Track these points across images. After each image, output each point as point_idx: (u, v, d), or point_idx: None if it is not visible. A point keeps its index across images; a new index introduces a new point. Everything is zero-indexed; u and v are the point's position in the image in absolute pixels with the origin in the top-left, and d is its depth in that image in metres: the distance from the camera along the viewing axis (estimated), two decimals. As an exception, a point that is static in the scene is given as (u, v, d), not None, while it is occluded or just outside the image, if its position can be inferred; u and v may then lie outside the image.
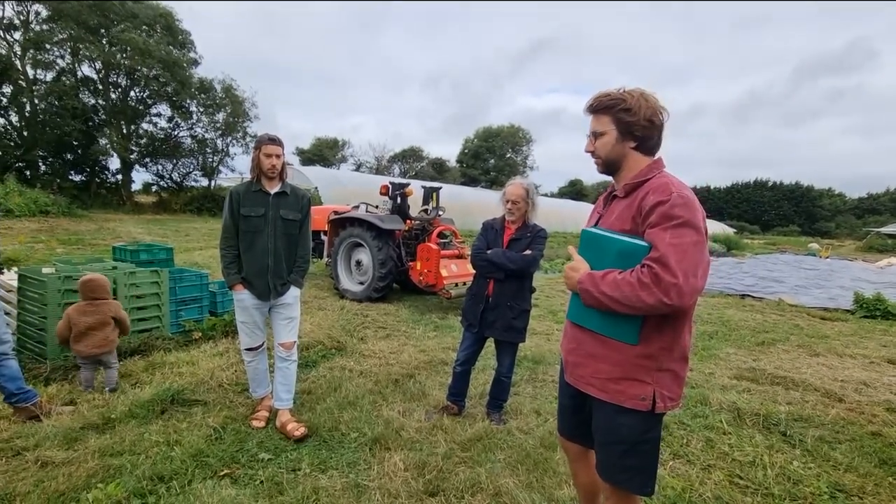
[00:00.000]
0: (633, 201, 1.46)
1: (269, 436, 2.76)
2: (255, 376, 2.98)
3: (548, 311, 6.76)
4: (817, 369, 4.51)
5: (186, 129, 26.23)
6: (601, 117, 1.53)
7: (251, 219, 2.72)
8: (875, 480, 2.52)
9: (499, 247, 3.03)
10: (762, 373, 4.23)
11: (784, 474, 2.55)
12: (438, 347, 4.61)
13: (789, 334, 6.02)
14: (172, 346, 4.06)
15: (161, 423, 2.79)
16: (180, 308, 4.47)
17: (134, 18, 21.23)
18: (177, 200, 24.89)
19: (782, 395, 3.71)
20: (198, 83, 24.62)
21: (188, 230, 16.22)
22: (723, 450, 2.81)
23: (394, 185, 7.16)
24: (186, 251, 10.82)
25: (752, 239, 40.38)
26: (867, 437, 3.02)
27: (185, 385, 3.25)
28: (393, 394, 3.45)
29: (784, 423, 3.17)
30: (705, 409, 3.38)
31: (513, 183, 3.04)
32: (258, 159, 2.72)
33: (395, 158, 46.68)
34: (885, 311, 7.37)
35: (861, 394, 3.84)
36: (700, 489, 2.39)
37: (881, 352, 5.32)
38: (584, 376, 1.54)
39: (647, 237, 1.36)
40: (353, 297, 6.65)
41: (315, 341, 4.41)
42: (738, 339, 5.61)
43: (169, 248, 5.27)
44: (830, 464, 2.69)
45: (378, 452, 2.63)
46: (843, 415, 3.37)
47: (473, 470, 2.48)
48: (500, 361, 3.17)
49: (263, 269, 2.75)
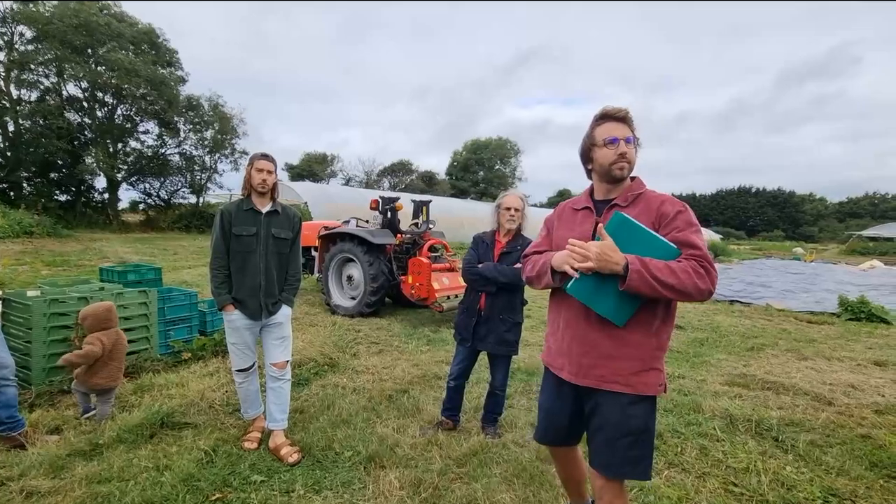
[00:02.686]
0: (645, 209, 1.60)
1: (262, 457, 2.72)
2: (247, 397, 2.94)
3: (541, 321, 6.77)
4: (806, 373, 4.57)
5: (174, 146, 26.11)
6: (629, 127, 1.65)
7: (243, 238, 2.71)
8: (867, 483, 2.55)
9: (489, 260, 3.05)
10: (753, 378, 4.28)
11: (778, 480, 2.57)
12: (432, 361, 4.59)
13: (778, 339, 6.10)
14: (161, 368, 3.99)
15: (150, 447, 2.73)
16: (169, 328, 4.41)
17: (119, 38, 21.22)
18: (164, 218, 24.65)
19: (773, 400, 3.75)
20: (185, 101, 24.59)
21: (176, 248, 16.04)
22: (717, 457, 2.83)
23: (384, 199, 7.18)
24: (175, 270, 10.70)
25: (739, 245, 40.97)
26: (857, 440, 3.06)
27: (174, 407, 3.19)
28: (387, 410, 3.42)
29: (776, 428, 3.20)
30: (698, 416, 3.40)
31: (508, 193, 3.10)
32: (249, 175, 2.73)
33: (384, 172, 46.82)
34: (870, 313, 7.52)
35: (850, 396, 3.90)
36: (696, 498, 2.40)
37: (867, 354, 5.41)
38: (605, 375, 1.59)
39: (678, 237, 1.51)
40: (344, 312, 6.61)
41: (307, 358, 4.37)
42: (729, 345, 5.67)
43: (157, 268, 5.22)
44: (822, 468, 2.72)
45: (373, 471, 2.60)
46: (833, 418, 3.41)
47: (470, 486, 2.47)
48: (493, 375, 3.16)
49: (255, 289, 2.73)
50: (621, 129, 1.62)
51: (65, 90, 21.87)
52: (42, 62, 20.14)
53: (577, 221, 1.74)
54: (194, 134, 26.08)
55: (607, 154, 1.62)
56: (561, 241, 1.71)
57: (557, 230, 1.79)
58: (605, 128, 1.64)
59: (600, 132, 1.64)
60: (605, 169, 1.65)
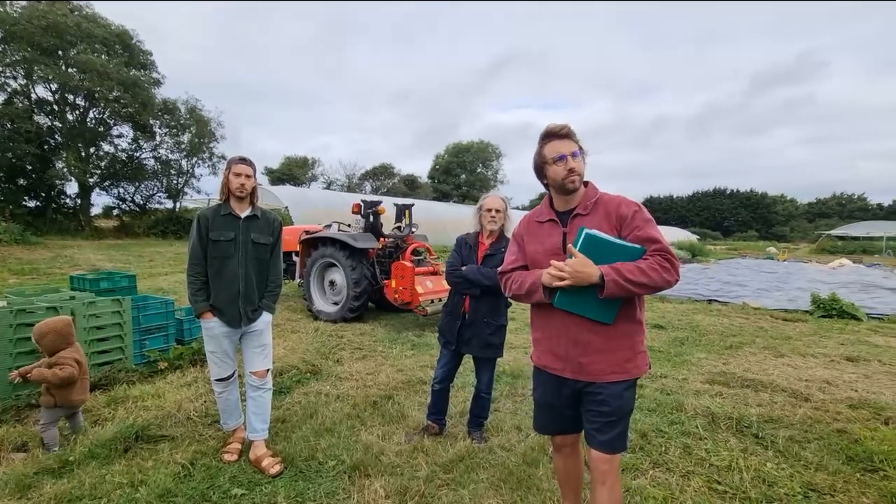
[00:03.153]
0: (605, 214, 1.74)
1: (243, 469, 2.64)
2: (227, 407, 2.85)
3: (524, 324, 6.78)
4: (783, 370, 4.68)
5: (149, 150, 25.51)
6: (573, 141, 1.77)
7: (221, 243, 2.64)
8: (844, 478, 2.61)
9: (473, 262, 3.04)
10: (732, 376, 4.36)
11: (759, 477, 2.61)
12: (416, 366, 4.55)
13: (755, 337, 6.24)
14: (136, 379, 3.85)
15: (124, 462, 2.63)
16: (144, 337, 4.27)
17: (90, 39, 20.64)
18: (140, 224, 24.03)
19: (752, 398, 3.83)
20: (161, 104, 24.06)
21: (152, 255, 15.63)
22: (700, 455, 2.86)
23: (366, 203, 7.13)
24: (151, 277, 10.42)
25: (715, 245, 42.00)
26: (833, 435, 3.13)
27: (150, 420, 3.08)
28: (371, 417, 3.37)
29: (756, 425, 3.26)
30: (681, 415, 3.44)
31: (490, 195, 3.10)
32: (227, 179, 2.66)
33: (366, 176, 46.57)
34: (841, 310, 7.76)
35: (825, 392, 4.00)
36: (681, 497, 2.42)
37: (839, 350, 5.58)
38: (602, 369, 1.72)
39: (639, 235, 1.67)
40: (327, 318, 6.52)
41: (289, 366, 4.28)
42: (708, 344, 5.77)
43: (132, 276, 5.06)
44: (802, 463, 2.77)
45: (358, 480, 2.54)
46: (810, 414, 3.49)
47: (457, 492, 2.44)
48: (479, 378, 3.15)
49: (234, 296, 2.66)
50: (566, 144, 1.74)
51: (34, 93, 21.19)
52: (9, 63, 19.46)
53: (544, 234, 1.84)
54: (170, 138, 25.58)
55: (558, 170, 1.74)
56: (536, 254, 1.84)
57: (529, 244, 1.89)
58: (552, 146, 1.76)
59: (548, 150, 1.77)
60: (559, 183, 1.76)
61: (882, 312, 8.14)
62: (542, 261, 1.80)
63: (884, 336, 6.47)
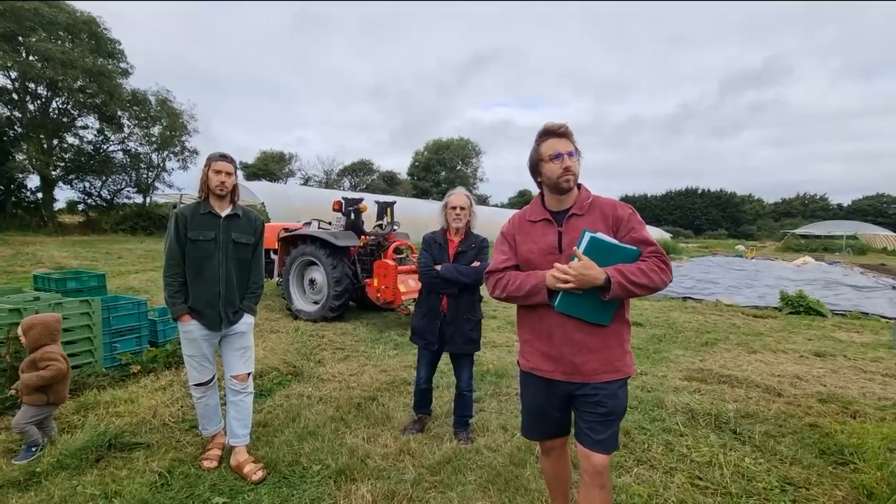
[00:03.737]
0: (601, 215, 1.76)
1: (223, 477, 2.55)
2: (206, 412, 2.76)
3: (507, 322, 6.82)
4: (756, 366, 4.83)
5: (117, 142, 24.51)
6: (570, 140, 1.76)
7: (200, 243, 2.54)
8: (818, 471, 2.70)
9: (445, 261, 3.03)
10: (709, 373, 4.48)
11: (739, 472, 2.68)
12: (400, 366, 4.51)
13: (728, 333, 6.43)
14: (107, 383, 3.69)
15: (97, 472, 2.51)
16: (115, 340, 4.09)
17: (52, 25, 19.65)
18: (107, 220, 23.12)
19: (729, 394, 3.93)
20: (129, 94, 23.13)
21: (121, 252, 15.05)
22: (682, 452, 2.92)
23: (347, 200, 7.01)
24: (120, 275, 10.03)
25: (687, 243, 43.20)
26: (806, 429, 3.25)
27: (123, 426, 2.95)
28: (356, 419, 3.32)
29: (733, 420, 3.35)
30: (662, 412, 3.51)
31: (454, 193, 3.10)
32: (207, 177, 2.56)
33: (344, 172, 46.00)
34: (808, 307, 8.08)
35: (796, 387, 4.15)
36: (665, 494, 2.46)
37: (808, 345, 5.80)
38: (595, 369, 1.73)
39: (634, 236, 1.71)
40: (307, 317, 6.40)
41: (269, 367, 4.18)
42: (685, 341, 5.92)
43: (100, 274, 4.84)
44: (778, 458, 2.86)
45: (343, 485, 2.50)
46: (784, 409, 3.61)
47: (445, 495, 2.42)
48: (459, 376, 3.15)
49: (214, 298, 2.56)
50: (563, 143, 1.74)
51: (-9, 81, 20.06)
52: (-37, 49, 18.37)
53: (538, 233, 1.82)
54: (140, 130, 24.63)
55: (554, 168, 1.74)
56: (530, 254, 1.82)
57: (522, 244, 1.86)
58: (549, 144, 1.76)
59: (545, 148, 1.76)
60: (554, 182, 1.76)
61: (845, 309, 8.51)
62: (537, 260, 1.79)
63: (847, 332, 6.76)
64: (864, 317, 7.97)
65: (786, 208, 72.85)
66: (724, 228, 64.89)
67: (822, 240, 34.77)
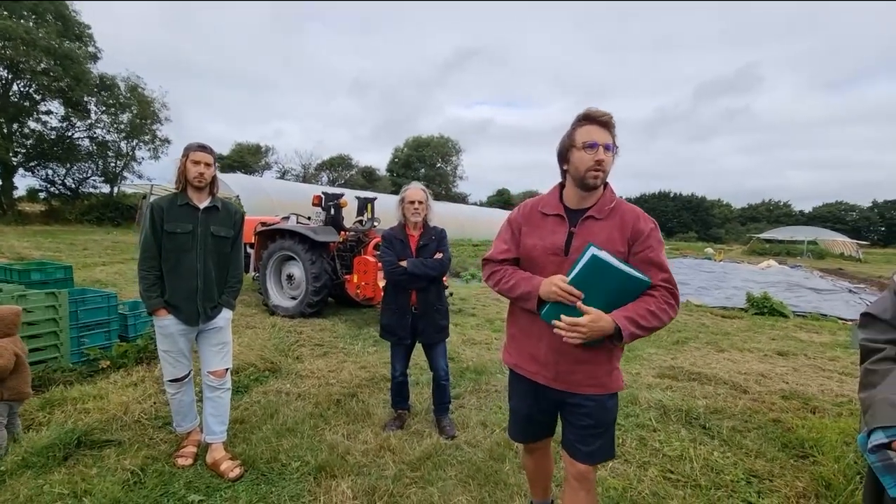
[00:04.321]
0: (620, 224, 1.61)
1: (199, 474, 2.50)
2: (181, 409, 2.69)
3: (485, 319, 6.88)
4: (724, 364, 5.02)
5: (83, 129, 23.54)
6: (610, 133, 1.58)
7: (177, 236, 2.47)
8: (780, 464, 2.84)
9: (409, 256, 3.07)
10: (680, 370, 4.63)
11: (708, 465, 2.79)
12: (379, 363, 4.50)
13: (698, 332, 6.66)
14: (74, 379, 3.56)
15: (65, 471, 2.42)
16: (83, 334, 3.94)
17: (14, 3, 18.70)
18: (71, 209, 22.20)
19: (699, 390, 4.08)
20: (97, 79, 22.23)
21: (86, 243, 14.48)
22: (654, 446, 3.02)
23: (327, 195, 6.94)
24: (86, 267, 9.65)
25: (660, 245, 44.21)
26: (770, 424, 3.40)
27: (92, 424, 2.85)
28: (335, 416, 3.30)
29: (703, 416, 3.48)
30: (636, 408, 3.61)
31: (410, 187, 3.14)
32: (185, 167, 2.50)
33: (323, 166, 45.38)
34: (771, 308, 8.43)
35: (761, 384, 4.33)
36: (638, 487, 2.54)
37: (772, 345, 6.06)
38: (581, 380, 1.66)
39: (650, 256, 1.59)
40: (284, 313, 6.31)
41: (246, 364, 4.10)
42: (657, 340, 6.09)
43: (67, 266, 4.66)
44: (744, 451, 2.99)
45: (323, 481, 2.48)
46: (749, 405, 3.77)
47: (425, 490, 2.44)
48: (435, 366, 3.20)
49: (192, 292, 2.50)
50: (602, 134, 1.56)
51: (-56, 59, 18.94)
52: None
53: (548, 229, 1.68)
54: (108, 117, 23.72)
55: (585, 158, 1.55)
56: (533, 249, 1.68)
57: (527, 237, 1.71)
58: (586, 130, 1.56)
59: (581, 134, 1.57)
60: (580, 174, 1.58)
61: (805, 310, 8.92)
62: (539, 258, 1.66)
63: (807, 332, 7.09)
64: (822, 318, 8.37)
65: (752, 213, 75.65)
66: (695, 231, 66.91)
67: (785, 244, 36.25)
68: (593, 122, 1.57)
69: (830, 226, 49.51)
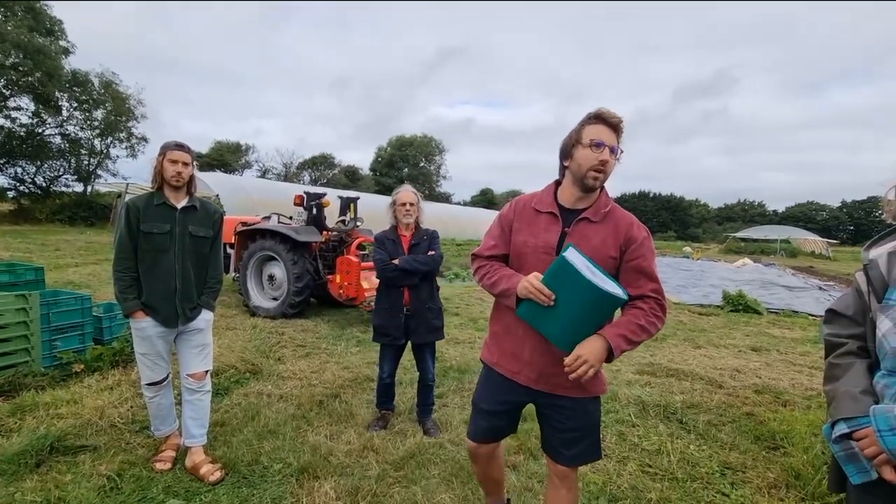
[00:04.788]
0: (614, 229, 1.60)
1: (178, 478, 2.47)
2: (159, 412, 2.65)
3: (469, 319, 6.92)
4: (701, 360, 5.16)
5: (55, 126, 22.78)
6: (618, 137, 1.58)
7: (154, 236, 2.43)
8: (753, 456, 2.94)
9: (401, 255, 3.10)
10: (659, 367, 4.74)
11: (684, 458, 2.87)
12: (363, 363, 4.48)
13: (676, 330, 6.81)
14: (46, 384, 3.46)
15: (37, 478, 2.35)
16: (55, 337, 3.83)
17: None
18: (42, 209, 21.45)
19: (676, 386, 4.18)
20: (69, 75, 21.55)
21: (58, 243, 14.03)
22: (633, 441, 3.09)
23: (309, 195, 6.88)
24: (58, 269, 9.36)
25: (640, 244, 44.98)
26: (743, 418, 3.51)
27: (66, 429, 2.78)
28: (318, 417, 3.28)
29: (680, 411, 3.57)
30: (616, 404, 3.69)
31: (402, 190, 3.18)
32: (162, 166, 2.45)
33: (304, 165, 44.88)
34: (746, 305, 8.67)
35: (735, 379, 4.47)
36: (618, 481, 2.60)
37: (746, 341, 6.24)
38: (562, 383, 1.62)
39: (641, 264, 1.58)
40: (265, 314, 6.23)
41: (226, 365, 4.04)
42: (637, 337, 6.21)
43: (38, 268, 4.52)
44: (718, 444, 3.08)
45: (306, 483, 2.47)
46: (724, 399, 3.89)
47: (409, 489, 2.45)
48: (424, 367, 3.22)
49: (170, 293, 2.46)
50: (611, 136, 1.55)
51: None
52: None
53: (541, 227, 1.65)
54: (81, 113, 23.01)
55: (589, 157, 1.53)
56: (524, 247, 1.65)
57: (518, 233, 1.68)
58: (595, 129, 1.54)
59: (588, 132, 1.55)
60: (581, 173, 1.56)
61: (778, 307, 9.20)
62: (529, 255, 1.63)
63: (780, 328, 7.33)
64: (794, 314, 8.65)
65: (728, 213, 77.67)
66: (673, 231, 68.34)
67: (759, 243, 37.29)
68: (603, 123, 1.55)
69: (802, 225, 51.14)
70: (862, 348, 1.25)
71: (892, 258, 1.18)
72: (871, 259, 1.23)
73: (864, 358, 1.24)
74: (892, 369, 1.14)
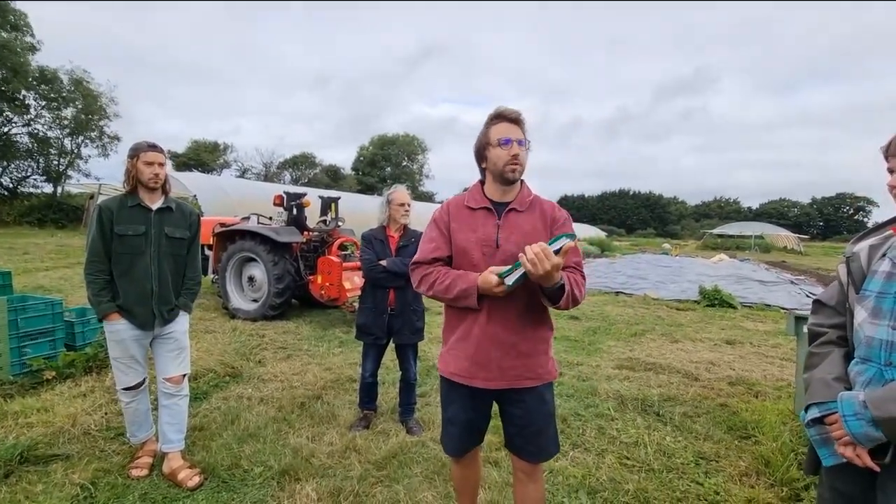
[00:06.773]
0: (540, 214, 1.72)
1: (156, 485, 2.42)
2: (135, 419, 2.59)
3: (451, 318, 6.92)
4: (678, 354, 5.29)
5: (22, 125, 21.99)
6: (521, 129, 1.68)
7: (129, 238, 2.38)
8: (726, 445, 3.03)
9: (388, 256, 3.11)
10: (637, 361, 4.84)
11: (661, 450, 2.95)
12: (345, 364, 4.47)
13: (654, 325, 6.96)
14: (15, 392, 3.35)
15: (6, 489, 2.28)
16: (25, 344, 3.71)
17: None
18: (9, 210, 20.69)
19: (654, 380, 4.28)
20: (37, 72, 20.81)
21: (27, 247, 13.56)
22: (612, 434, 3.15)
23: (289, 195, 6.80)
24: (27, 273, 9.06)
25: (620, 241, 45.92)
26: (717, 409, 3.62)
27: (37, 438, 2.70)
28: (299, 419, 3.26)
29: (657, 404, 3.66)
30: (595, 399, 3.76)
31: (398, 189, 3.20)
32: (137, 169, 2.40)
33: (285, 165, 44.27)
34: (721, 300, 8.91)
35: (710, 372, 4.60)
36: (597, 474, 2.65)
37: (721, 334, 6.42)
38: (520, 374, 1.67)
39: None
40: (245, 316, 6.14)
41: (205, 369, 3.98)
42: (617, 333, 6.34)
43: (6, 272, 4.37)
44: (693, 435, 3.17)
45: (287, 485, 2.46)
46: (699, 391, 3.99)
47: (391, 489, 2.45)
48: (406, 367, 3.23)
49: (146, 296, 2.41)
50: (515, 130, 1.65)
51: None
52: None
53: (477, 222, 1.70)
54: (49, 112, 22.25)
55: (501, 154, 1.64)
56: (467, 243, 1.68)
57: (458, 232, 1.71)
58: (499, 128, 1.66)
59: (494, 132, 1.66)
60: (499, 170, 1.66)
61: (752, 301, 9.48)
62: (473, 249, 1.66)
63: (753, 322, 7.55)
64: (767, 308, 8.92)
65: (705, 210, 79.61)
66: (653, 228, 69.72)
67: (734, 239, 38.28)
68: (505, 120, 1.67)
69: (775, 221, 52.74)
70: (842, 338, 1.31)
71: (873, 251, 1.25)
72: (854, 252, 1.30)
73: (843, 347, 1.30)
74: (866, 357, 1.19)
